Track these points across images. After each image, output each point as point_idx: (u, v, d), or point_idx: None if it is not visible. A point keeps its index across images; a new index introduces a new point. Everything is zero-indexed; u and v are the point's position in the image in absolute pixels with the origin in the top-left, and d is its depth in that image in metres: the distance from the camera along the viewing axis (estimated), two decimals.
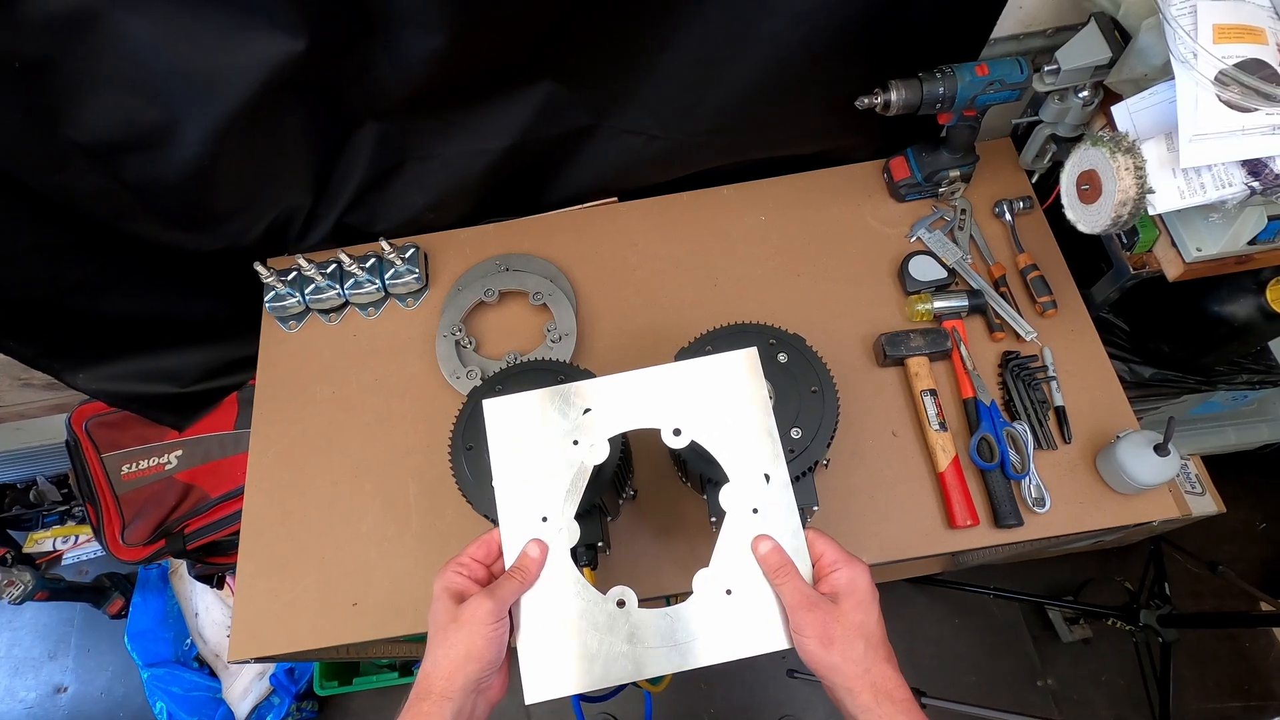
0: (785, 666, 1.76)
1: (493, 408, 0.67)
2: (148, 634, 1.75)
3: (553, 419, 0.66)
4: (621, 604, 0.60)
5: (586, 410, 0.66)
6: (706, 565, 0.61)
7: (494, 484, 0.63)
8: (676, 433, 0.65)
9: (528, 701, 0.58)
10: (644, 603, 0.61)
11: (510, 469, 0.64)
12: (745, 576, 0.60)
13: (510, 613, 0.60)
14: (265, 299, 1.09)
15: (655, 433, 0.65)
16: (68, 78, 0.77)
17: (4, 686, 1.92)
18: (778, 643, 0.58)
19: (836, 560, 0.59)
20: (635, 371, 0.67)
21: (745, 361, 0.67)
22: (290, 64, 0.80)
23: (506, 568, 0.62)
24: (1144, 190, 0.73)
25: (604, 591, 0.61)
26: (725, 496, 0.62)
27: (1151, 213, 0.75)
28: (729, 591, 0.59)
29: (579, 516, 0.64)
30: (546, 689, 0.58)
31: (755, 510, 0.62)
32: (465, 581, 0.60)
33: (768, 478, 0.63)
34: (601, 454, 0.64)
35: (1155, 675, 1.46)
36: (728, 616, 0.59)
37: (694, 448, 0.66)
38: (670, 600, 1.11)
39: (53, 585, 1.70)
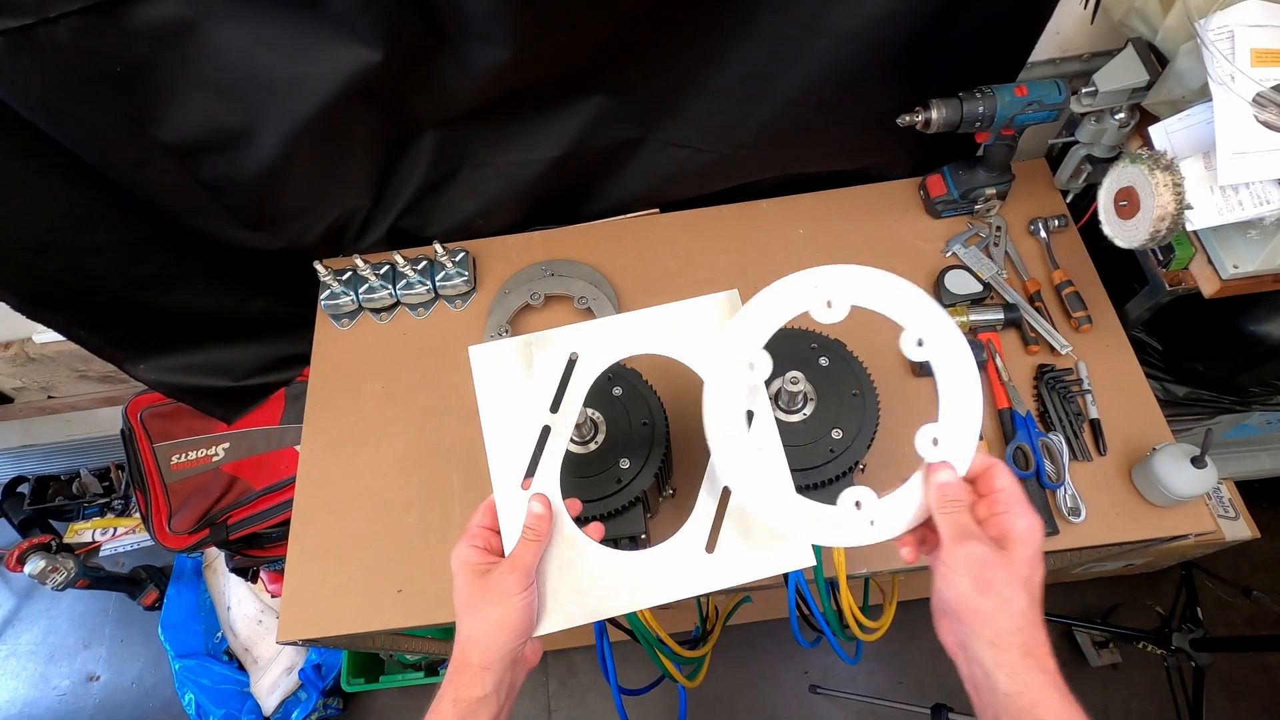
0: (808, 682, 1.76)
1: (478, 354, 0.67)
2: (181, 626, 1.79)
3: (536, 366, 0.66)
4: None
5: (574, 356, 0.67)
6: None
7: (485, 440, 0.64)
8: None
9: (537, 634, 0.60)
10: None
11: (498, 421, 0.65)
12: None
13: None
14: (320, 297, 1.14)
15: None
16: (162, 82, 0.83)
17: (39, 673, 1.97)
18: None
19: (1017, 503, 0.51)
20: (631, 313, 0.72)
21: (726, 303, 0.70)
22: (365, 74, 0.85)
23: (501, 526, 0.62)
24: (1182, 206, 0.75)
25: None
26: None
27: (1189, 228, 0.77)
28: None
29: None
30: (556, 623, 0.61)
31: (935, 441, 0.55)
32: (480, 553, 0.61)
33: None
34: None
35: (1188, 703, 1.44)
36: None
37: None
38: (702, 600, 1.13)
39: (93, 574, 1.75)
